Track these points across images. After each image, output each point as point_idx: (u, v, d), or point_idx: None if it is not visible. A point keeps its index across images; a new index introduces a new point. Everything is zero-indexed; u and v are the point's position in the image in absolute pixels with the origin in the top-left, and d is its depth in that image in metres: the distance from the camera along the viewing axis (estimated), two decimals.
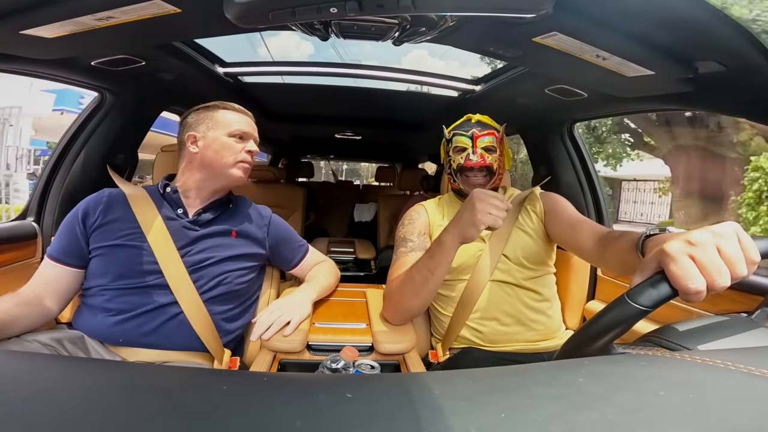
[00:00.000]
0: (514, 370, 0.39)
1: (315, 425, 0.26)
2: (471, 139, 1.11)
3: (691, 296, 0.44)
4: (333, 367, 0.76)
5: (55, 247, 0.97)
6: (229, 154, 1.02)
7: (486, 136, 1.11)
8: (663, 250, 0.46)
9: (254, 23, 0.78)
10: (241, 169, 1.04)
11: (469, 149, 1.11)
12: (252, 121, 1.09)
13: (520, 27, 0.82)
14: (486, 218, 0.84)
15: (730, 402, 0.30)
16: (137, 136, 1.64)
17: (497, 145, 1.12)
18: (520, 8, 0.71)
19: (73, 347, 0.87)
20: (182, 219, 1.01)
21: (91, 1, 0.75)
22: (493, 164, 1.11)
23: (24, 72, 1.11)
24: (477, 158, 1.09)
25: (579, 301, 1.43)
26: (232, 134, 1.03)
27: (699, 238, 0.46)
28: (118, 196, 1.02)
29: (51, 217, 1.36)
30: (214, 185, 1.04)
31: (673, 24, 0.75)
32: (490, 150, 1.11)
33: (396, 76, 1.70)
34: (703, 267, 0.44)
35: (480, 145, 1.10)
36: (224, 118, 1.04)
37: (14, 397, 0.29)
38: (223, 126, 1.02)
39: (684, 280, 0.43)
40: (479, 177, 1.12)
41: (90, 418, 0.26)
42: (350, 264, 2.53)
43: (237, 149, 1.03)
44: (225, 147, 1.01)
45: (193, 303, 0.95)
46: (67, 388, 0.32)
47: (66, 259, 0.96)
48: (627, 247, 0.75)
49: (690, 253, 0.45)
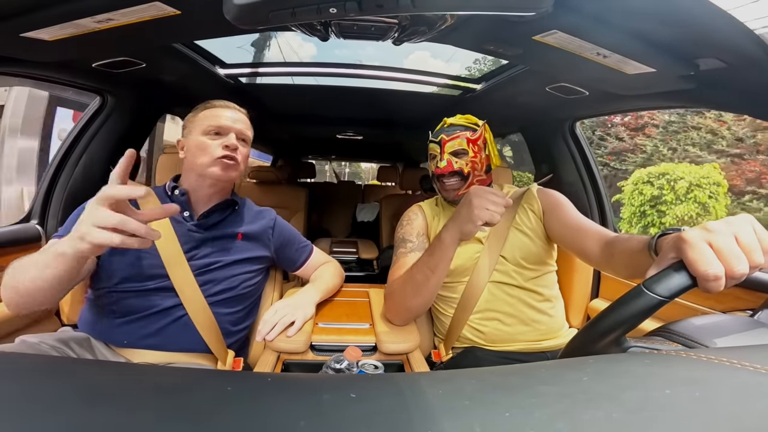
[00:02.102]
0: (519, 369, 0.39)
1: (319, 425, 0.26)
2: (439, 145, 1.10)
3: (710, 283, 0.44)
4: (337, 367, 0.76)
5: (67, 230, 0.87)
6: (203, 154, 0.98)
7: (454, 139, 1.08)
8: (680, 237, 0.47)
9: (254, 24, 0.78)
10: (220, 165, 0.98)
11: (438, 155, 1.10)
12: (237, 113, 1.05)
13: (520, 25, 0.82)
14: (483, 214, 0.84)
15: (736, 400, 0.30)
16: (139, 138, 1.64)
17: (469, 146, 1.08)
18: (519, 7, 0.70)
19: (80, 349, 0.88)
20: (188, 222, 1.00)
21: (90, 3, 0.75)
22: (464, 168, 1.08)
23: (25, 75, 1.11)
24: (444, 164, 1.09)
25: (582, 300, 1.43)
26: (206, 131, 0.99)
27: (716, 226, 0.46)
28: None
29: (54, 219, 1.37)
30: (204, 188, 1.02)
31: (673, 21, 0.75)
32: (460, 153, 1.09)
33: (396, 75, 1.70)
34: (721, 253, 0.44)
35: (448, 150, 1.09)
36: (203, 116, 1.01)
37: (17, 399, 0.29)
38: (199, 125, 1.00)
39: (703, 265, 0.43)
40: (452, 182, 1.11)
41: (95, 419, 0.26)
42: (353, 264, 2.53)
43: (212, 146, 0.99)
44: (199, 147, 0.99)
45: (199, 306, 0.95)
46: (72, 390, 0.32)
47: None
48: (638, 248, 0.75)
49: (708, 239, 0.45)
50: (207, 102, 1.05)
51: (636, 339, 0.48)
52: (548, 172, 1.74)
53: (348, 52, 16.66)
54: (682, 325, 0.50)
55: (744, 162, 5.90)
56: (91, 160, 1.43)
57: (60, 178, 1.39)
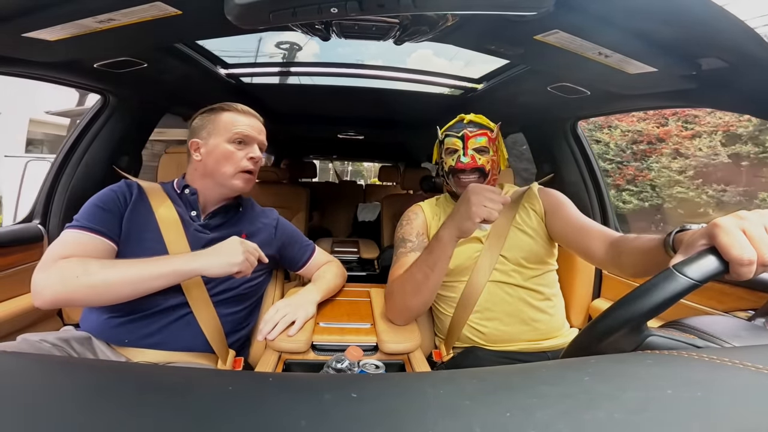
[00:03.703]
0: (520, 369, 0.39)
1: (320, 425, 0.26)
2: (462, 140, 1.08)
3: (744, 268, 0.44)
4: (338, 366, 0.76)
5: (90, 218, 0.88)
6: (229, 164, 0.98)
7: (478, 136, 1.08)
8: (714, 224, 0.47)
9: (255, 24, 0.78)
10: (242, 179, 1.00)
11: (461, 150, 1.08)
12: (258, 121, 1.05)
13: (522, 25, 0.82)
14: (481, 211, 0.84)
15: (738, 400, 0.29)
16: (141, 138, 1.64)
17: (490, 145, 1.09)
18: (521, 6, 0.70)
19: (81, 348, 0.88)
20: (195, 222, 1.01)
21: (92, 3, 0.75)
22: (486, 165, 1.08)
23: (27, 75, 1.11)
24: (468, 159, 1.07)
25: (584, 300, 1.42)
26: (232, 140, 0.99)
27: (749, 215, 0.48)
28: (141, 189, 1.00)
29: (57, 219, 1.37)
30: (217, 193, 1.03)
31: (675, 21, 0.74)
32: (482, 151, 1.08)
33: (397, 75, 1.70)
34: (753, 240, 0.45)
35: (471, 146, 1.07)
36: (226, 121, 1.00)
37: (18, 399, 0.29)
38: (224, 130, 0.99)
39: (738, 250, 0.44)
40: (471, 179, 1.09)
41: (95, 419, 0.27)
42: (354, 264, 2.53)
43: (238, 157, 0.99)
44: (225, 155, 0.98)
45: (204, 304, 0.95)
46: (73, 390, 0.32)
47: (109, 233, 0.89)
48: (650, 246, 0.75)
49: (742, 226, 0.46)
50: (225, 104, 1.03)
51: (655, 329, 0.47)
52: (550, 171, 1.73)
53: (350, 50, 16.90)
54: (695, 321, 0.50)
55: (624, 167, 7.53)
56: (93, 160, 1.43)
57: (62, 178, 1.40)
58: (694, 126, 6.75)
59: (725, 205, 6.01)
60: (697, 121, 6.75)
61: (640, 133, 7.21)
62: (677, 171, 6.60)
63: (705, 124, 6.64)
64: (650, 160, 7.15)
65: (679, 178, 6.56)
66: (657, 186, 7.06)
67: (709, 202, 6.20)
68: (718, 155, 6.24)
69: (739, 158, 6.17)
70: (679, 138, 6.81)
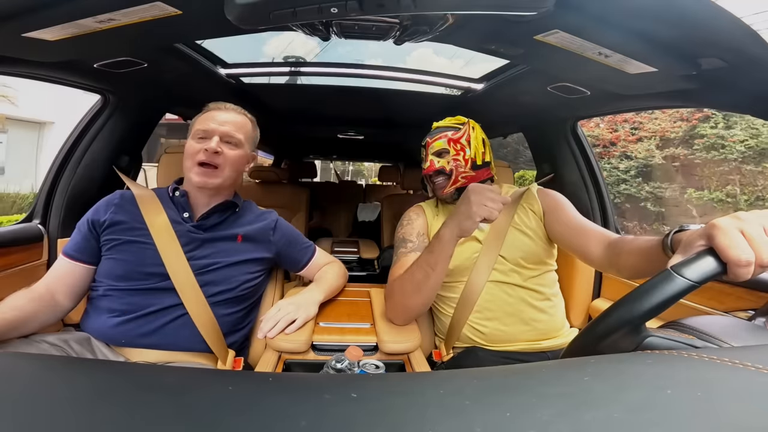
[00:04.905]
0: (519, 369, 0.39)
1: (320, 425, 0.26)
2: (424, 148, 1.19)
3: (741, 269, 0.44)
4: (338, 366, 0.76)
5: (70, 245, 0.98)
6: (187, 159, 1.00)
7: (437, 140, 1.15)
8: (712, 224, 0.47)
9: (255, 24, 0.78)
10: (195, 172, 0.99)
11: (423, 158, 1.19)
12: (229, 114, 1.04)
13: (522, 25, 0.82)
14: (481, 210, 0.86)
15: (738, 400, 0.29)
16: (141, 138, 1.64)
17: (450, 145, 1.13)
18: (521, 6, 0.70)
19: (79, 347, 0.88)
20: (187, 223, 1.01)
21: (92, 3, 0.75)
22: (445, 167, 1.13)
23: (27, 75, 1.11)
24: (427, 164, 1.17)
25: (584, 300, 1.42)
26: (195, 136, 1.00)
27: (747, 216, 0.47)
28: (130, 196, 1.03)
29: (57, 219, 1.37)
30: (195, 191, 1.05)
31: (675, 21, 0.74)
32: (441, 153, 1.15)
33: (397, 75, 1.70)
34: (752, 241, 0.45)
35: (431, 152, 1.16)
36: (199, 119, 1.03)
37: (17, 399, 0.29)
38: (193, 128, 1.02)
39: (735, 251, 0.44)
40: (439, 180, 1.17)
41: (94, 419, 0.27)
42: (354, 264, 2.52)
43: (194, 151, 0.99)
44: (187, 152, 1.01)
45: (199, 305, 0.95)
46: (72, 390, 0.32)
47: (79, 256, 0.97)
48: (648, 247, 0.75)
49: (740, 227, 0.46)
50: (212, 104, 1.06)
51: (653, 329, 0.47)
52: (550, 171, 1.73)
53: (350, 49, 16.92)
54: (694, 321, 0.50)
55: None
56: (93, 160, 1.43)
57: (62, 178, 1.40)
58: (639, 131, 7.56)
59: (660, 200, 7.14)
60: (641, 127, 7.55)
61: (596, 138, 7.84)
62: (623, 171, 7.49)
63: (647, 130, 7.43)
64: (603, 162, 7.76)
65: (625, 177, 7.45)
66: (608, 183, 7.95)
67: (647, 197, 7.21)
68: (653, 157, 7.20)
69: (672, 159, 7.11)
70: (626, 142, 7.59)
